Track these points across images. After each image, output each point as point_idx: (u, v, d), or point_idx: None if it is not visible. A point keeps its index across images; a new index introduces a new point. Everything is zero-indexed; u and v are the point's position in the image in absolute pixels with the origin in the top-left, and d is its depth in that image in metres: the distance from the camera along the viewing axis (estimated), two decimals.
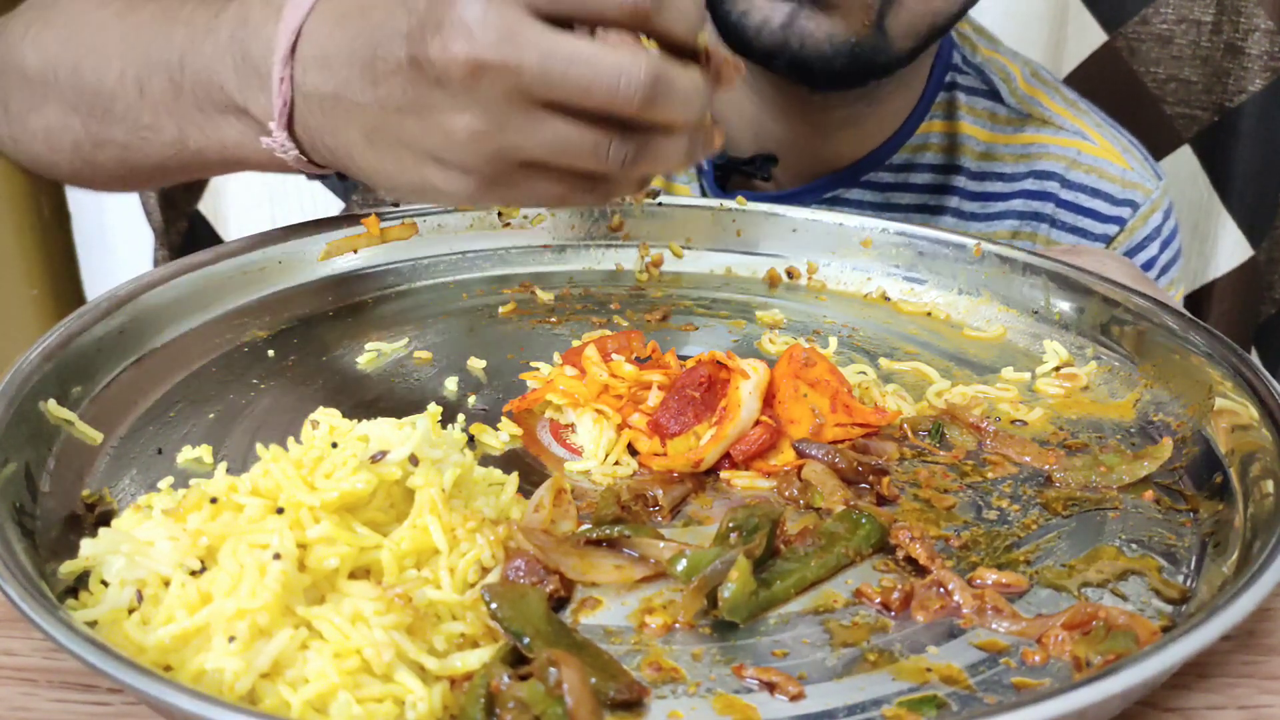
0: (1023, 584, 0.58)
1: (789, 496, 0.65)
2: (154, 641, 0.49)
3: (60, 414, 0.66)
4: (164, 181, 0.93)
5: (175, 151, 0.82)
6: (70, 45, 0.86)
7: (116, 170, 0.89)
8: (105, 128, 0.85)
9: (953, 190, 1.18)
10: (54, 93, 0.87)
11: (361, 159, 0.71)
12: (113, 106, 0.83)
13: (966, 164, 1.17)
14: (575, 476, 0.67)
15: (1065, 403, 0.77)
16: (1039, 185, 1.17)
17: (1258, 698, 0.53)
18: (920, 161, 1.17)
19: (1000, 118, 1.18)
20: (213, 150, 0.81)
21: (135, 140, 0.84)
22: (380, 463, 0.56)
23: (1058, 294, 0.85)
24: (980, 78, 1.18)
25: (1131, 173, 1.17)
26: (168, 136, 0.82)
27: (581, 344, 0.77)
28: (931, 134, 1.16)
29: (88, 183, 0.95)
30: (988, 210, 1.18)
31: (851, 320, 0.88)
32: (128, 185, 0.94)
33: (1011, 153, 1.18)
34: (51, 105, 0.88)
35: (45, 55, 0.87)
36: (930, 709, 0.50)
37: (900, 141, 1.15)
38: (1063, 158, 1.17)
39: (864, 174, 1.16)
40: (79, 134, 0.87)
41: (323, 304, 0.85)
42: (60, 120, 0.88)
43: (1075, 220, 1.17)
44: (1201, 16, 1.50)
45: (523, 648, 0.52)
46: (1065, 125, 1.18)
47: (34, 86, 0.88)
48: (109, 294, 0.75)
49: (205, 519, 0.53)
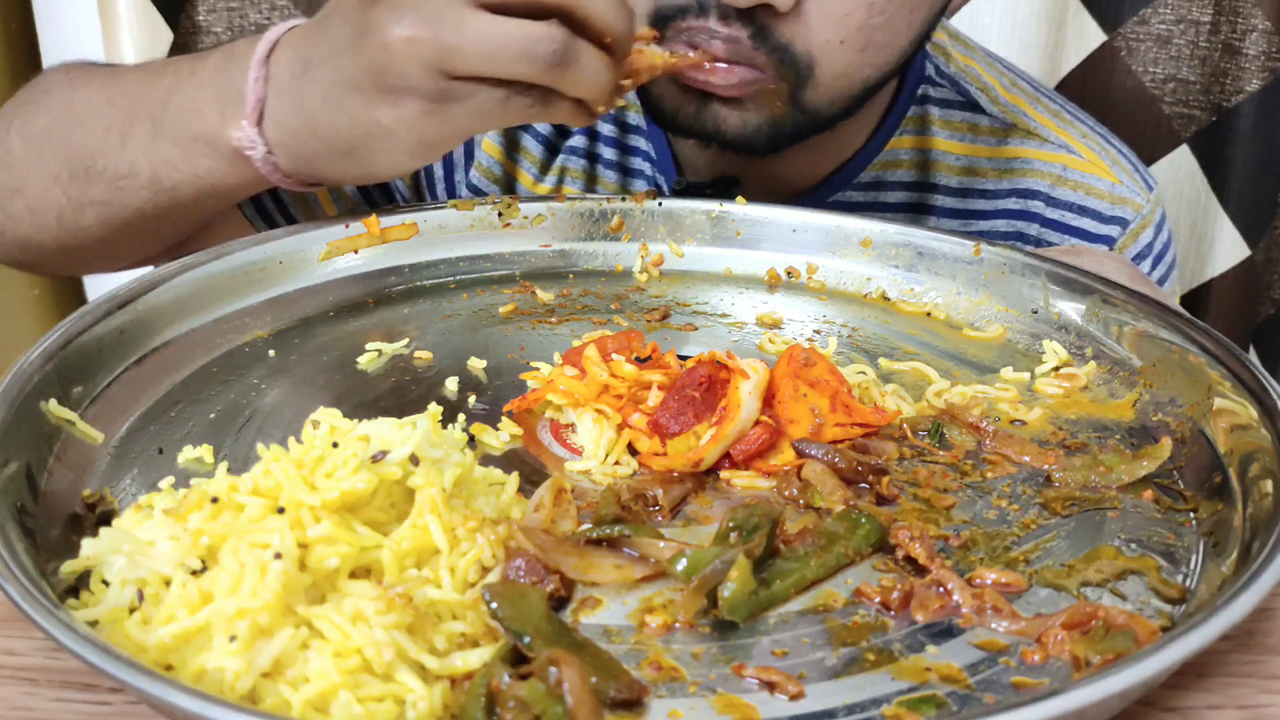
0: (1022, 584, 0.58)
1: (789, 496, 0.66)
2: (155, 641, 0.50)
3: (61, 414, 0.66)
4: (145, 242, 0.94)
5: (151, 194, 0.86)
6: (60, 120, 0.90)
7: (99, 232, 0.91)
8: (86, 188, 0.88)
9: (930, 209, 1.13)
10: (37, 170, 0.90)
11: (319, 127, 0.77)
12: (94, 163, 0.87)
13: (944, 181, 1.12)
14: (575, 476, 0.67)
15: (1064, 403, 0.77)
16: (1022, 204, 1.12)
17: (1257, 697, 0.53)
18: (891, 179, 1.12)
19: (982, 129, 1.13)
20: (186, 184, 0.85)
21: (114, 193, 0.87)
22: (381, 463, 0.56)
23: (1057, 294, 0.85)
24: (955, 89, 1.13)
25: (1120, 187, 1.12)
26: (143, 180, 0.86)
27: (581, 344, 0.77)
28: (901, 150, 1.11)
29: (71, 257, 0.96)
30: (969, 228, 1.13)
31: (851, 320, 0.88)
32: (110, 251, 0.95)
33: (994, 167, 1.13)
34: (34, 183, 0.91)
35: (31, 137, 0.91)
36: (930, 708, 0.50)
37: (866, 160, 1.10)
38: (1048, 174, 1.12)
39: (830, 195, 1.11)
40: (61, 204, 0.90)
41: (323, 304, 0.85)
42: (42, 196, 0.90)
43: (1062, 240, 1.12)
44: (1200, 17, 1.51)
45: (523, 647, 0.52)
46: (1050, 137, 1.13)
47: (17, 170, 0.92)
48: (110, 294, 0.75)
49: (206, 519, 0.53)
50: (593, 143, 1.13)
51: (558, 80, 0.73)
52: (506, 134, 1.12)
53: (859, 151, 1.11)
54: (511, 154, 1.12)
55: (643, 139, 1.12)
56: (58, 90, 0.93)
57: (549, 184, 1.13)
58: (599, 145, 1.13)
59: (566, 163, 1.12)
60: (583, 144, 1.12)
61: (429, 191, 1.15)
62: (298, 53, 0.79)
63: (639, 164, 1.13)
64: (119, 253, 0.96)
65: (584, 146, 1.12)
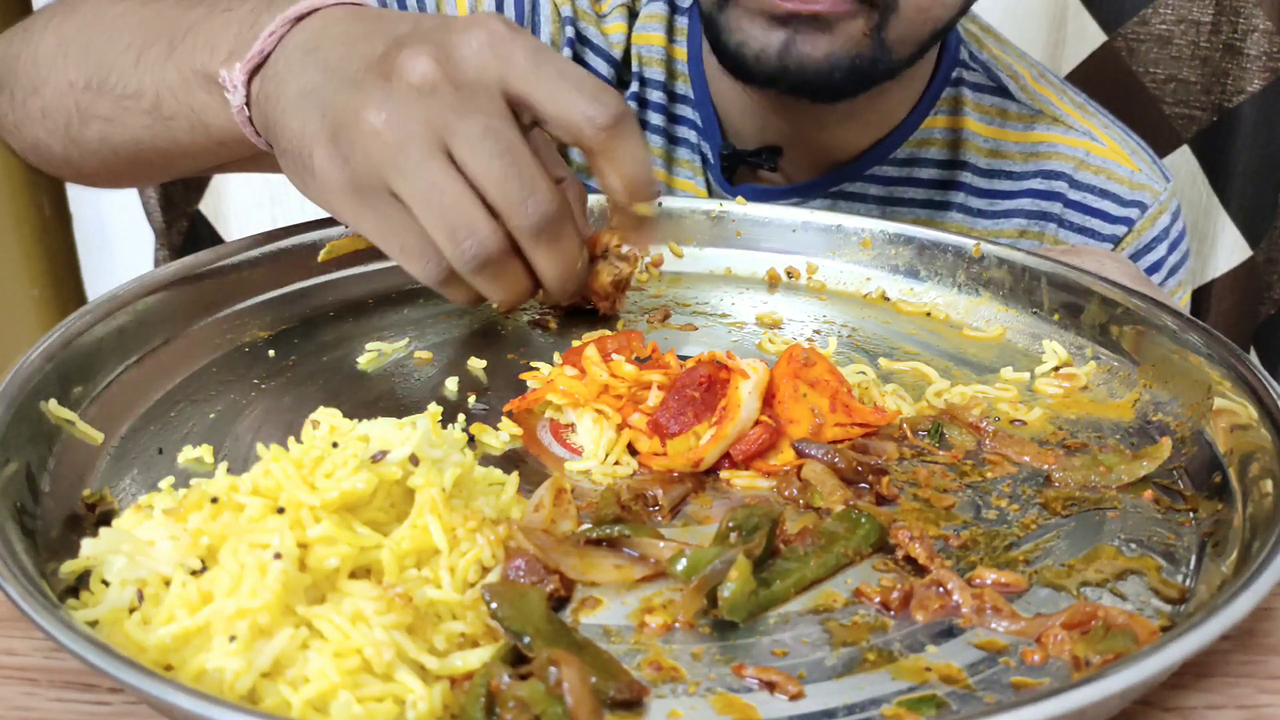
0: (1022, 583, 0.58)
1: (789, 496, 0.66)
2: (154, 641, 0.50)
3: (61, 414, 0.66)
4: (141, 170, 0.95)
5: (150, 121, 0.85)
6: (88, 28, 0.89)
7: (99, 150, 0.91)
8: (96, 100, 0.88)
9: (959, 186, 1.17)
10: (58, 71, 0.90)
11: (283, 112, 0.72)
12: (107, 78, 0.86)
13: (973, 160, 1.17)
14: (575, 476, 0.67)
15: (1064, 403, 0.77)
16: (1046, 185, 1.17)
17: (1257, 697, 0.53)
18: (925, 156, 1.17)
19: (1011, 114, 1.17)
20: (182, 116, 0.83)
21: (118, 112, 0.87)
22: (381, 462, 0.56)
23: (1057, 294, 0.85)
24: (987, 74, 1.18)
25: (1140, 174, 1.17)
26: (145, 103, 0.84)
27: (581, 344, 0.77)
28: (935, 129, 1.16)
29: (76, 169, 0.96)
30: (995, 208, 1.18)
31: (851, 320, 0.88)
32: (109, 171, 0.95)
33: (1021, 150, 1.17)
34: (52, 86, 0.91)
35: (61, 37, 0.91)
36: (929, 708, 0.50)
37: (904, 135, 1.15)
38: (1071, 158, 1.17)
39: (869, 168, 1.16)
40: (70, 111, 0.90)
41: (323, 304, 0.86)
42: (56, 99, 0.90)
43: (1083, 220, 1.17)
44: (1200, 17, 1.51)
45: (523, 647, 0.52)
46: (1075, 125, 1.18)
47: (41, 68, 0.91)
48: (110, 294, 0.75)
49: (206, 519, 0.53)
50: (642, 109, 1.16)
51: (465, 273, 0.70)
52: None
53: (897, 128, 1.15)
54: None
55: (690, 108, 1.15)
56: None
57: None
58: (648, 112, 1.16)
59: None
60: (632, 110, 1.13)
61: None
62: (324, 30, 0.75)
63: (684, 132, 1.16)
64: (117, 175, 0.96)
65: (634, 113, 1.14)
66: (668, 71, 1.16)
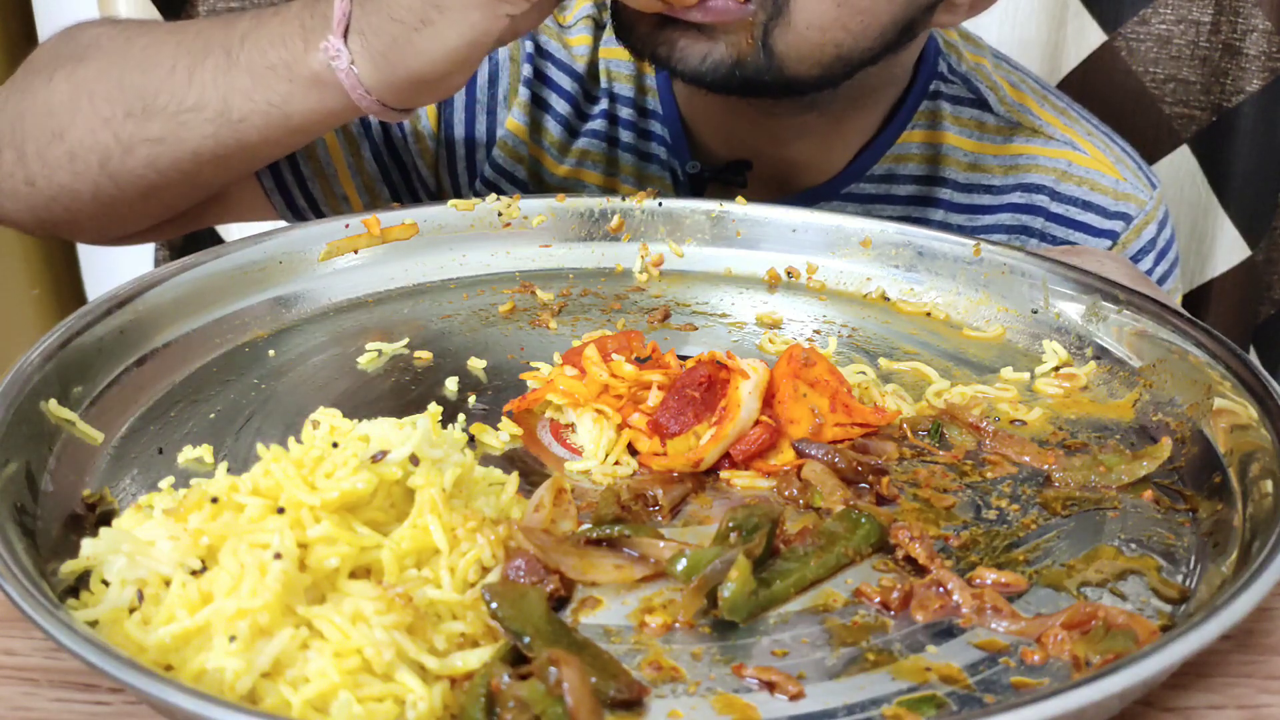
0: (1022, 584, 0.58)
1: (789, 496, 0.66)
2: (155, 641, 0.50)
3: (61, 414, 0.66)
4: (183, 190, 0.95)
5: (214, 129, 0.88)
6: (112, 67, 0.91)
7: (144, 175, 0.91)
8: (143, 125, 0.89)
9: (937, 202, 1.14)
10: (83, 113, 0.91)
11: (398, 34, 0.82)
12: (155, 100, 0.88)
13: (951, 175, 1.14)
14: (575, 476, 0.67)
15: (1064, 403, 0.77)
16: (1027, 198, 1.14)
17: (1257, 697, 0.53)
18: (902, 172, 1.14)
19: (989, 127, 1.14)
20: (256, 114, 0.87)
21: (173, 128, 0.89)
22: (381, 463, 0.56)
23: (1057, 294, 0.85)
24: (966, 86, 1.14)
25: (1124, 184, 1.13)
26: (209, 112, 0.87)
27: (581, 344, 0.77)
28: (912, 144, 1.13)
29: (107, 209, 0.95)
30: (975, 223, 1.15)
31: (851, 320, 0.88)
32: (147, 202, 0.95)
33: (1000, 164, 1.14)
34: (79, 127, 0.91)
35: (77, 83, 0.92)
36: (929, 708, 0.50)
37: (880, 152, 1.12)
38: (1053, 170, 1.13)
39: (845, 186, 1.13)
40: (108, 145, 0.90)
41: (323, 304, 0.86)
42: (87, 139, 0.91)
43: (1066, 234, 1.14)
44: (1200, 17, 1.51)
45: (523, 647, 0.52)
46: (1055, 135, 1.14)
47: (59, 115, 0.92)
48: (110, 294, 0.75)
49: (206, 519, 0.53)
50: (612, 126, 1.14)
51: None
52: (529, 112, 1.12)
53: (871, 144, 1.12)
54: (535, 135, 1.13)
55: (659, 124, 1.13)
56: (107, 40, 0.94)
57: (569, 165, 1.13)
58: (618, 129, 1.15)
59: (587, 145, 1.13)
60: (602, 127, 1.13)
61: (448, 170, 1.14)
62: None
63: (655, 148, 1.15)
64: (153, 206, 0.96)
65: (603, 130, 1.13)
66: (637, 87, 1.13)
